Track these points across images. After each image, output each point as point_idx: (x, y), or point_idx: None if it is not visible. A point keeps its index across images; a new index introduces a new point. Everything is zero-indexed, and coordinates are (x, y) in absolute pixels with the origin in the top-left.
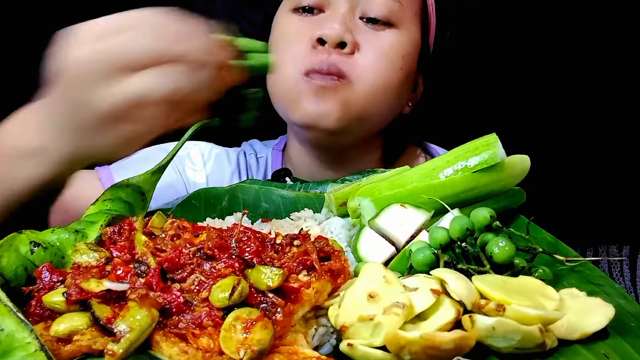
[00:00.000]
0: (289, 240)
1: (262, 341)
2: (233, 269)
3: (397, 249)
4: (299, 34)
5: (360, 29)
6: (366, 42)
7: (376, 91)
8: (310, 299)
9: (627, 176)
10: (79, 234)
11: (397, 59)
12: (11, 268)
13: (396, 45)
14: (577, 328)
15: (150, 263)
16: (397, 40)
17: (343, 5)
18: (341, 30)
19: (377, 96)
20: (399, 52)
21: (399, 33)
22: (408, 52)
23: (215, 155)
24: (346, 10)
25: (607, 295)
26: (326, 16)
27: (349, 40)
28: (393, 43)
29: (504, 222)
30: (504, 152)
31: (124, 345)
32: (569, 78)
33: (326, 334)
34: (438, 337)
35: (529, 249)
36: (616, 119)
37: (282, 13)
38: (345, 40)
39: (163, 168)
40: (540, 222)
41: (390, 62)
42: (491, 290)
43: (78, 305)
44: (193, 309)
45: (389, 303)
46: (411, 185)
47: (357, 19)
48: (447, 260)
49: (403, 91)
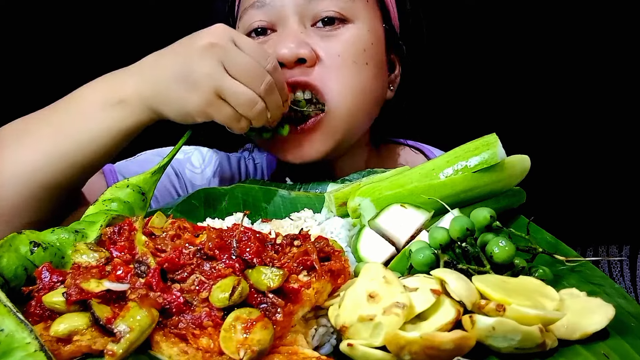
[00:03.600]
0: (289, 241)
1: (262, 341)
2: (233, 269)
3: (397, 249)
4: None
5: (315, 38)
6: (324, 48)
7: (350, 97)
8: (310, 299)
9: (627, 176)
10: (79, 234)
11: (359, 55)
12: (11, 268)
13: (354, 41)
14: (577, 328)
15: (150, 263)
16: (353, 36)
17: (292, 19)
18: (295, 47)
19: (353, 101)
20: (359, 47)
21: (355, 27)
22: (369, 42)
23: (215, 159)
24: (296, 23)
25: (607, 295)
26: (278, 35)
27: (307, 55)
28: (351, 40)
29: (504, 222)
30: (504, 152)
31: (124, 346)
32: (568, 78)
33: (326, 334)
34: (438, 337)
35: (529, 249)
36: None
37: None
38: (302, 56)
39: (163, 168)
40: (540, 222)
41: (354, 62)
42: (491, 291)
43: (78, 305)
44: (193, 309)
45: (389, 303)
46: (411, 185)
47: (309, 28)
48: (447, 260)
49: (378, 82)
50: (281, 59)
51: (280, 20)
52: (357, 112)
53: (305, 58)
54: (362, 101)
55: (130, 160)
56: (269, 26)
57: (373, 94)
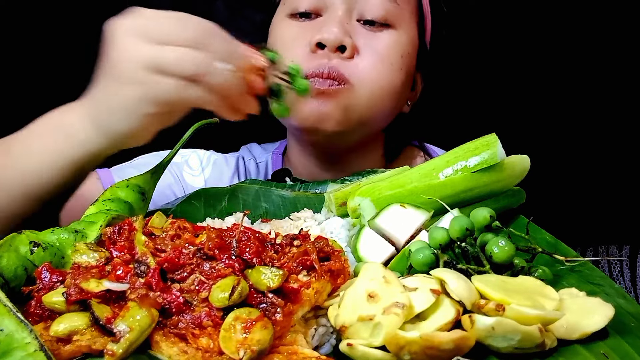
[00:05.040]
0: (289, 241)
1: (262, 341)
2: (233, 269)
3: (396, 249)
4: (297, 39)
5: (358, 32)
6: (365, 45)
7: (377, 94)
8: (310, 299)
9: (627, 176)
10: (79, 234)
11: (397, 59)
12: (11, 268)
13: (395, 46)
14: (577, 328)
15: (150, 263)
16: (395, 41)
17: (340, 8)
18: (340, 33)
19: (378, 99)
20: (398, 52)
21: (397, 33)
22: (407, 52)
23: (213, 161)
24: (343, 13)
25: (607, 295)
26: (323, 20)
27: (348, 44)
28: (391, 44)
29: (504, 222)
30: (503, 152)
31: (124, 345)
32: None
33: (326, 334)
34: (437, 337)
35: (529, 249)
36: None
37: (279, 19)
38: (344, 43)
39: (163, 167)
40: (540, 222)
41: (390, 64)
42: (491, 290)
43: (78, 305)
44: (193, 309)
45: (389, 303)
46: (411, 185)
47: (354, 21)
48: (446, 260)
49: (403, 91)
50: (325, 41)
51: (327, 6)
52: (378, 107)
53: (347, 46)
54: (385, 96)
55: (127, 164)
56: (315, 10)
57: (396, 99)
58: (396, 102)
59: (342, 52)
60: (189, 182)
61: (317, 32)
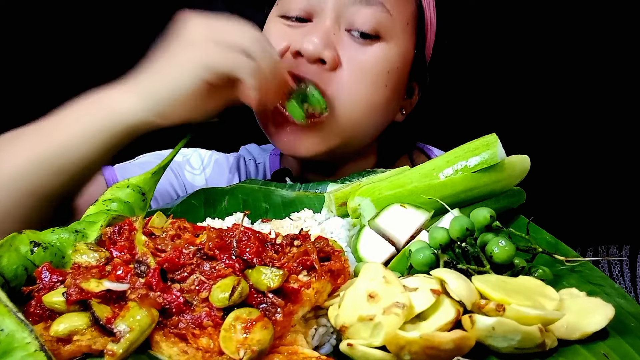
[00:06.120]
0: (289, 241)
1: (262, 341)
2: (233, 269)
3: (397, 249)
4: (282, 42)
5: (344, 43)
6: (350, 58)
7: (357, 112)
8: (310, 299)
9: (627, 176)
10: (79, 234)
11: (381, 75)
12: (11, 268)
13: (381, 61)
14: (577, 328)
15: (150, 263)
16: (382, 56)
17: (329, 17)
18: (320, 46)
19: (358, 118)
20: (384, 68)
21: (387, 47)
22: (395, 67)
23: (214, 160)
24: (331, 22)
25: (607, 295)
26: (309, 28)
27: (328, 58)
28: (378, 59)
29: (504, 222)
30: (503, 152)
31: (124, 345)
32: (568, 78)
33: (326, 334)
34: (438, 337)
35: (529, 249)
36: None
37: (272, 17)
38: (322, 57)
39: (163, 168)
40: (540, 222)
41: (373, 81)
42: (491, 290)
43: (78, 305)
44: (193, 309)
45: (389, 303)
46: (411, 185)
47: (342, 31)
48: (447, 260)
49: (389, 106)
50: (303, 52)
51: (317, 12)
52: (359, 127)
53: (327, 60)
54: (366, 113)
55: (130, 163)
56: (306, 15)
57: (381, 117)
58: (381, 117)
59: (323, 64)
60: (190, 181)
61: (298, 40)
